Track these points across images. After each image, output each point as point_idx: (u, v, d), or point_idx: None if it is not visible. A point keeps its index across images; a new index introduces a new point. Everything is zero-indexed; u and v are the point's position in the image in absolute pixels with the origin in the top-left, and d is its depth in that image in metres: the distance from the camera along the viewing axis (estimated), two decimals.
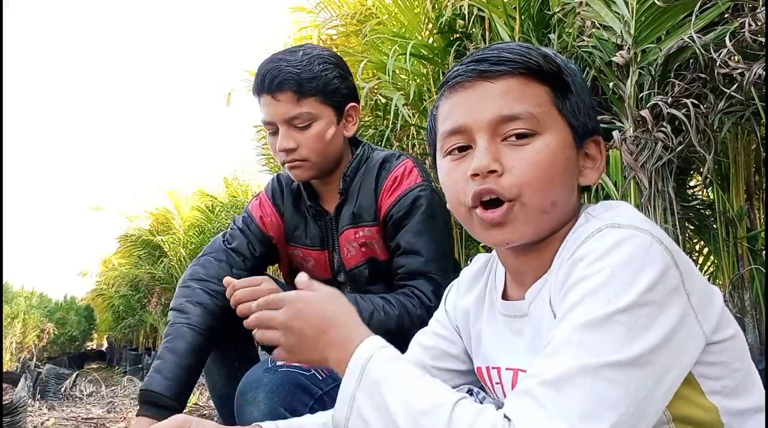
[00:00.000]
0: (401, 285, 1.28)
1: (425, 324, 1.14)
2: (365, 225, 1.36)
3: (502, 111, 0.71)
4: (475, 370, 0.89)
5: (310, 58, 1.32)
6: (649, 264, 0.61)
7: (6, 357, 8.86)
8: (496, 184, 0.70)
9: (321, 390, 1.11)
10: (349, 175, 1.39)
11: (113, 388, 4.53)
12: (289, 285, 1.55)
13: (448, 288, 0.99)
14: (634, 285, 0.60)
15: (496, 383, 0.83)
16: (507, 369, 0.80)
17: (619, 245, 0.63)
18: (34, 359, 8.75)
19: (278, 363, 1.11)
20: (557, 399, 0.57)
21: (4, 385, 5.15)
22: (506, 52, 0.73)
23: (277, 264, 1.61)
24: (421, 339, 0.96)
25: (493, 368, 0.83)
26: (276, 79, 1.28)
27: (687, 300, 0.63)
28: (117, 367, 8.90)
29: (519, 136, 0.71)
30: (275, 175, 1.57)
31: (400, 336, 1.15)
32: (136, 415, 1.24)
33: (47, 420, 3.12)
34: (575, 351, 0.59)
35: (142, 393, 1.23)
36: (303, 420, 0.91)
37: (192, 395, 3.56)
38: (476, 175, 0.71)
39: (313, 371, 1.12)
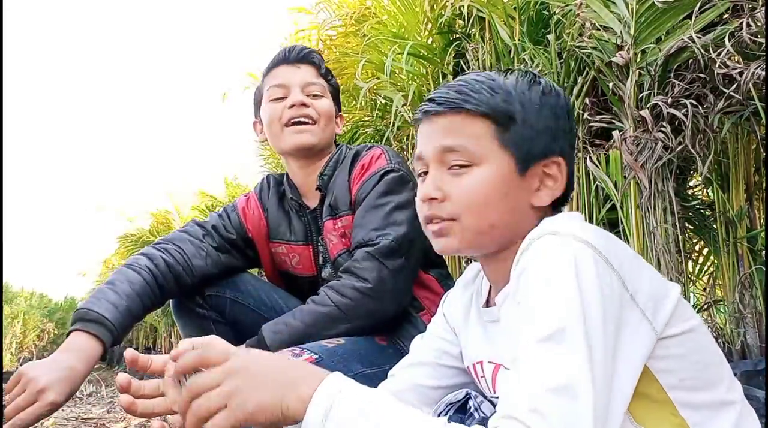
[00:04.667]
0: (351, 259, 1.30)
1: (352, 286, 1.23)
2: (343, 215, 1.39)
3: (441, 144, 0.81)
4: (467, 370, 0.93)
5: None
6: (582, 273, 0.63)
7: (6, 357, 8.86)
8: (438, 210, 0.80)
9: None
10: (327, 173, 1.42)
11: (113, 388, 4.53)
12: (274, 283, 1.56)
13: (446, 293, 1.03)
14: (569, 300, 0.62)
15: (481, 376, 0.88)
16: (489, 362, 0.85)
17: (554, 256, 0.65)
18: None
19: None
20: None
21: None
22: (453, 91, 0.81)
23: (260, 270, 1.62)
24: (423, 340, 1.01)
25: (476, 363, 0.88)
26: (303, 51, 1.42)
27: (630, 300, 0.65)
28: (117, 367, 8.89)
29: (460, 166, 0.80)
30: (266, 175, 1.60)
31: (337, 314, 1.23)
32: (70, 332, 1.18)
33: (47, 419, 3.12)
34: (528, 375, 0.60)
35: (78, 312, 1.20)
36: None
37: None
38: (422, 200, 0.82)
39: None
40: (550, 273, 0.64)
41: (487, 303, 0.90)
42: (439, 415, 0.89)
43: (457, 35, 2.54)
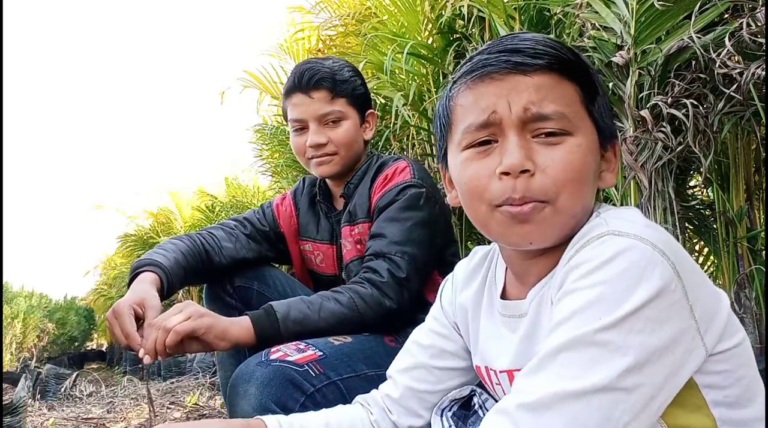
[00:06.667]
0: (363, 268, 1.32)
1: (379, 302, 1.25)
2: (359, 222, 1.43)
3: (535, 107, 0.68)
4: (474, 367, 0.88)
5: (341, 64, 1.45)
6: (646, 278, 0.59)
7: (6, 357, 8.86)
8: (528, 187, 0.67)
9: (313, 387, 1.10)
10: (353, 182, 1.46)
11: (113, 388, 4.52)
12: (302, 281, 1.61)
13: (443, 282, 0.97)
14: (626, 303, 0.58)
15: (496, 384, 0.82)
16: (501, 371, 0.80)
17: (617, 257, 0.60)
18: (34, 359, 8.74)
19: (272, 357, 1.11)
20: (535, 426, 0.57)
21: (4, 385, 5.15)
22: (540, 45, 0.69)
23: (289, 267, 1.66)
24: (418, 337, 0.95)
25: (491, 369, 0.83)
26: (314, 77, 1.39)
27: (689, 312, 0.61)
28: (117, 367, 8.88)
29: (548, 135, 0.68)
30: (302, 177, 1.67)
31: (356, 320, 1.24)
32: (133, 280, 1.29)
33: (47, 420, 3.12)
34: (558, 372, 0.58)
35: (133, 265, 1.34)
36: (305, 419, 0.90)
37: (192, 395, 3.55)
38: (507, 173, 0.67)
39: (307, 367, 1.11)
40: (608, 274, 0.60)
41: (503, 296, 0.82)
42: (443, 411, 0.88)
43: (458, 35, 2.54)
